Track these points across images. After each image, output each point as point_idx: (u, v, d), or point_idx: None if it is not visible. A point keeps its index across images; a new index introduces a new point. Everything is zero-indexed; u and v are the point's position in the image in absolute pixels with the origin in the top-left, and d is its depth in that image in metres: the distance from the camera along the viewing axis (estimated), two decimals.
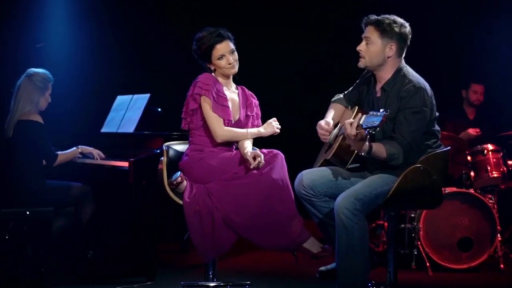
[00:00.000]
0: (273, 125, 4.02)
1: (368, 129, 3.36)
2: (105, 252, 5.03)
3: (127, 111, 5.27)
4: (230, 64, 3.96)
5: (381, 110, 3.35)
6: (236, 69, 4.00)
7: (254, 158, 3.74)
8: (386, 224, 5.52)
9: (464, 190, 5.22)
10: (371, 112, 3.39)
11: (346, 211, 3.56)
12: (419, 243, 5.10)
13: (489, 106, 6.15)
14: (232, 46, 3.98)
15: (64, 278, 4.76)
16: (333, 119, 3.98)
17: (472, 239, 5.12)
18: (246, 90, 4.15)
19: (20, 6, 6.19)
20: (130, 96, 5.37)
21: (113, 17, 6.60)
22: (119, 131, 5.23)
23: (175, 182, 3.76)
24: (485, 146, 5.48)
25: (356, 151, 3.71)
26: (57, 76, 4.96)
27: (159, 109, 5.39)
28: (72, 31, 6.48)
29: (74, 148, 4.89)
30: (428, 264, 5.03)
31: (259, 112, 4.13)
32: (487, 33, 6.55)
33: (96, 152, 4.95)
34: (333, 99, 4.12)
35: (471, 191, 5.21)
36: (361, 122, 3.39)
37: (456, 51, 6.63)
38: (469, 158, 5.54)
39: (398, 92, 3.69)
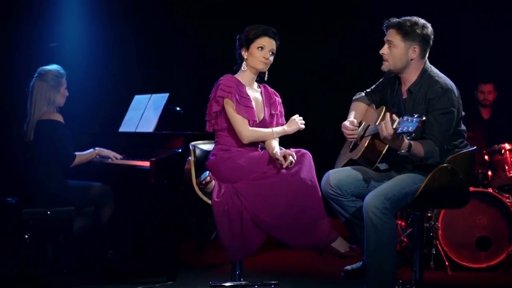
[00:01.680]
0: (297, 122, 4.01)
1: (402, 134, 3.36)
2: (125, 252, 5.02)
3: (145, 111, 5.26)
4: (265, 58, 3.94)
5: (416, 116, 3.33)
6: (266, 68, 4.00)
7: (285, 157, 3.74)
8: (403, 223, 5.54)
9: (482, 189, 5.23)
10: (405, 117, 3.37)
11: (375, 210, 3.57)
12: (437, 242, 5.10)
13: (504, 105, 6.16)
14: (274, 47, 3.98)
15: (84, 278, 4.75)
16: (355, 117, 3.98)
17: (490, 238, 5.13)
18: (269, 88, 4.14)
19: (34, 5, 6.17)
20: (148, 95, 5.36)
21: (130, 16, 6.59)
22: (138, 130, 5.22)
23: (204, 182, 3.75)
24: (502, 145, 5.49)
25: (384, 151, 3.73)
26: (74, 76, 4.95)
27: (178, 108, 5.37)
28: (88, 30, 6.46)
29: (92, 150, 4.87)
30: (447, 263, 5.03)
31: (283, 110, 4.13)
32: (496, 31, 6.56)
33: (112, 154, 4.94)
34: (354, 97, 4.12)
35: (489, 190, 5.22)
36: (394, 127, 3.39)
37: (467, 49, 6.65)
38: (486, 157, 5.56)
39: (425, 94, 3.69)
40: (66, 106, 4.86)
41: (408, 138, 3.40)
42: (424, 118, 3.33)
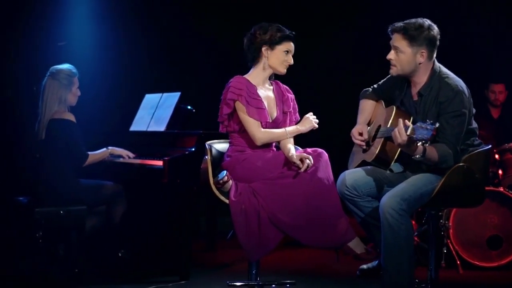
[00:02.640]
0: (311, 120, 4.00)
1: (417, 142, 3.36)
2: (137, 251, 5.02)
3: (156, 110, 5.25)
4: (289, 63, 3.96)
5: (429, 122, 3.32)
6: (285, 72, 4.00)
7: (302, 161, 3.74)
8: (414, 223, 5.54)
9: (493, 188, 5.22)
10: (419, 124, 3.36)
11: (392, 211, 3.57)
12: (448, 241, 5.10)
13: None
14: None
15: (96, 277, 4.74)
16: (365, 119, 3.99)
17: (501, 237, 5.12)
18: (281, 85, 4.11)
19: (44, 4, 6.16)
20: (159, 94, 5.35)
21: (141, 14, 6.59)
22: (149, 129, 5.21)
23: (221, 181, 3.75)
24: None
25: (398, 153, 3.73)
26: (85, 75, 4.95)
27: (189, 107, 5.36)
28: (99, 29, 6.46)
29: (105, 149, 4.87)
30: (458, 262, 5.04)
31: (296, 106, 4.10)
32: (509, 30, 6.57)
33: (125, 153, 4.93)
34: (361, 94, 4.11)
35: (500, 189, 5.22)
36: (408, 133, 3.38)
37: (479, 48, 6.65)
38: (496, 156, 5.56)
39: (436, 97, 3.68)
40: (77, 105, 4.85)
41: (423, 145, 3.39)
42: (437, 125, 3.33)
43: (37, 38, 6.08)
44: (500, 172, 5.50)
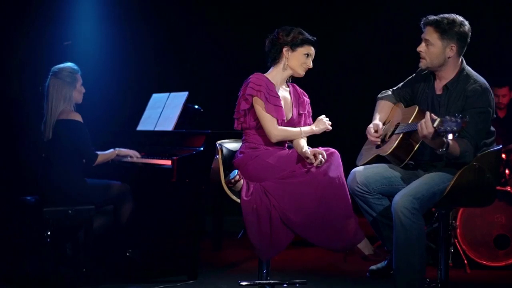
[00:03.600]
0: (324, 122, 4.01)
1: (445, 133, 3.34)
2: (144, 251, 5.01)
3: (164, 109, 5.24)
4: (309, 67, 3.99)
5: (459, 115, 3.30)
6: (303, 75, 4.02)
7: (315, 156, 3.74)
8: None
9: (500, 188, 5.21)
10: (447, 117, 3.35)
11: (404, 210, 3.57)
12: (456, 240, 5.11)
13: None
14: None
15: (104, 277, 4.74)
16: (381, 119, 3.97)
17: (509, 236, 5.13)
18: (298, 88, 4.14)
19: (50, 4, 6.15)
20: (167, 94, 5.34)
21: (148, 13, 6.59)
22: (157, 129, 5.20)
23: (233, 181, 3.74)
24: None
25: (415, 150, 3.72)
26: (92, 75, 4.94)
27: (197, 106, 5.35)
28: (106, 29, 6.45)
29: (112, 150, 4.86)
30: (465, 261, 5.04)
31: (311, 110, 4.13)
32: None
33: (132, 152, 4.92)
34: (379, 95, 4.11)
35: (508, 188, 5.22)
36: (435, 125, 3.37)
37: (484, 50, 6.65)
38: (503, 156, 5.56)
39: (463, 91, 3.69)
40: (84, 105, 4.84)
41: (451, 137, 3.38)
42: (467, 118, 3.30)
43: (42, 37, 6.08)
44: (507, 171, 5.50)
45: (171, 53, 6.76)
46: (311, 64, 4.00)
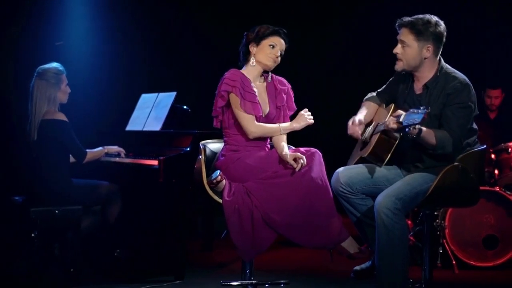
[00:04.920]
0: (305, 117, 3.98)
1: (408, 127, 3.37)
2: (132, 251, 5.02)
3: (152, 109, 5.25)
4: (275, 56, 3.95)
5: (422, 108, 3.35)
6: (273, 66, 3.99)
7: (295, 160, 3.74)
8: (409, 222, 5.54)
9: (489, 188, 5.23)
10: (411, 110, 3.39)
11: (386, 210, 3.57)
12: (444, 241, 5.10)
13: (510, 105, 6.17)
14: (284, 48, 3.99)
15: (92, 277, 4.75)
16: (365, 117, 3.97)
17: (498, 237, 5.13)
18: (275, 77, 4.09)
19: (40, 4, 6.16)
20: (155, 94, 5.35)
21: (138, 14, 6.59)
22: (145, 129, 5.21)
23: (215, 181, 3.75)
24: (509, 144, 5.50)
25: (393, 150, 3.73)
26: (81, 75, 4.95)
27: (185, 107, 5.36)
28: (96, 28, 6.46)
29: (101, 148, 4.87)
30: (454, 262, 5.04)
31: (292, 94, 4.10)
32: (506, 32, 6.57)
33: (120, 150, 4.93)
34: (366, 97, 4.12)
35: (496, 189, 5.22)
36: (401, 120, 3.40)
37: (477, 51, 6.66)
38: (492, 156, 5.56)
39: (443, 90, 3.69)
40: (73, 104, 4.85)
41: (413, 129, 3.40)
42: (429, 109, 3.33)
43: (34, 38, 6.09)
44: (496, 172, 5.50)
45: (161, 53, 6.77)
46: (277, 53, 3.95)
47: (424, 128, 3.52)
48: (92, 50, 6.38)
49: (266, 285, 3.98)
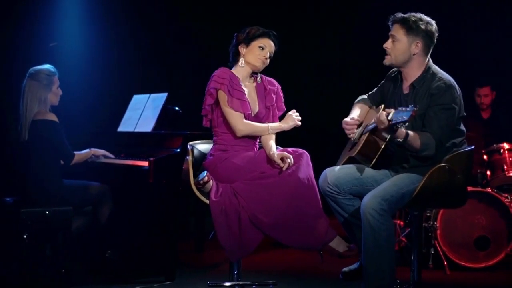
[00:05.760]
0: (294, 118, 4.01)
1: (396, 124, 3.37)
2: (123, 252, 5.02)
3: (144, 110, 5.26)
4: (265, 58, 3.98)
5: (410, 106, 3.36)
6: (262, 68, 4.02)
7: (283, 160, 3.74)
8: (402, 223, 5.54)
9: (481, 189, 5.23)
10: (399, 108, 3.40)
11: (372, 211, 3.56)
12: (436, 242, 5.10)
13: (504, 105, 6.16)
14: (273, 50, 4.02)
15: (83, 277, 4.76)
16: (357, 115, 3.98)
17: (489, 238, 5.12)
18: (264, 78, 4.12)
19: (33, 4, 6.17)
20: (147, 95, 5.36)
21: (129, 15, 6.60)
22: (137, 130, 5.22)
23: (201, 182, 3.75)
24: (501, 145, 5.49)
25: (381, 149, 3.73)
26: (73, 76, 4.95)
27: (177, 108, 5.37)
28: (88, 30, 6.47)
29: (88, 150, 4.88)
30: (445, 263, 5.03)
31: (281, 95, 4.12)
32: (496, 31, 6.57)
33: (105, 153, 4.93)
34: (357, 100, 4.12)
35: (488, 190, 5.21)
36: (389, 118, 3.40)
37: (467, 51, 6.66)
38: (485, 157, 5.56)
39: (428, 89, 3.70)
40: (65, 105, 4.85)
41: (401, 127, 3.41)
42: (417, 108, 3.34)
43: (28, 39, 6.10)
44: (488, 173, 5.50)
45: (154, 54, 6.77)
46: (267, 55, 3.99)
47: (411, 132, 3.53)
48: (84, 51, 6.38)
49: (253, 286, 3.99)
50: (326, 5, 7.16)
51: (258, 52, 3.97)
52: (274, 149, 3.86)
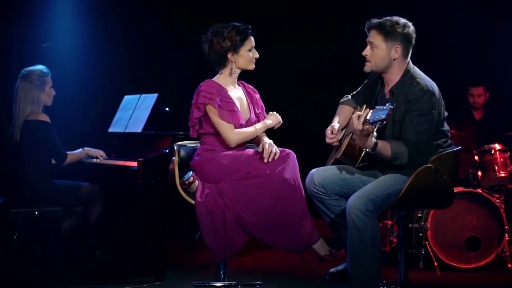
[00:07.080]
0: (276, 115, 4.07)
1: (374, 124, 3.37)
2: (113, 252, 5.02)
3: (134, 111, 5.27)
4: (255, 58, 4.00)
5: (387, 104, 3.36)
6: (254, 68, 4.04)
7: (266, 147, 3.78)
8: (391, 223, 5.53)
9: (471, 189, 5.22)
10: (377, 107, 3.41)
11: (358, 212, 3.56)
12: (426, 242, 5.09)
13: (496, 105, 6.16)
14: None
15: (73, 278, 4.76)
16: (340, 122, 3.98)
17: (480, 238, 5.11)
18: (246, 85, 4.15)
19: (25, 5, 6.18)
20: (138, 95, 5.37)
21: (120, 16, 6.61)
22: (127, 130, 5.23)
23: (187, 182, 3.76)
24: (492, 145, 5.48)
25: (364, 151, 3.72)
26: (65, 76, 4.95)
27: (167, 109, 5.38)
28: (79, 30, 6.49)
29: (81, 149, 4.89)
30: (436, 263, 5.03)
31: (263, 104, 4.16)
32: (489, 32, 6.57)
33: (100, 153, 4.94)
34: (341, 100, 4.12)
35: (479, 190, 5.21)
36: (367, 117, 3.40)
37: (459, 51, 6.65)
38: (476, 157, 5.54)
39: (406, 95, 3.68)
40: (56, 105, 4.86)
41: (380, 126, 3.39)
42: (394, 106, 3.35)
43: (21, 39, 6.11)
44: (479, 173, 5.48)
45: (145, 55, 6.78)
46: (257, 54, 4.01)
47: (380, 142, 3.53)
48: (75, 52, 6.40)
49: (239, 286, 3.99)
50: (313, 5, 7.16)
51: (249, 56, 3.99)
52: (265, 138, 3.91)
